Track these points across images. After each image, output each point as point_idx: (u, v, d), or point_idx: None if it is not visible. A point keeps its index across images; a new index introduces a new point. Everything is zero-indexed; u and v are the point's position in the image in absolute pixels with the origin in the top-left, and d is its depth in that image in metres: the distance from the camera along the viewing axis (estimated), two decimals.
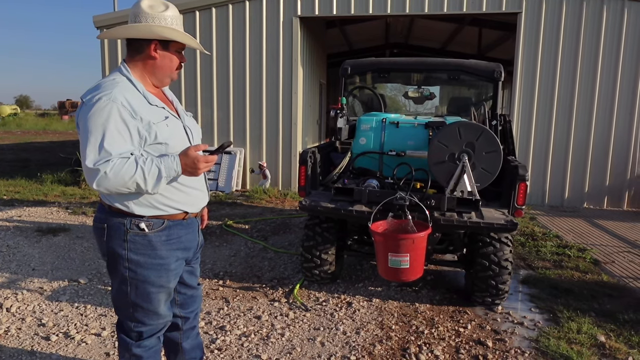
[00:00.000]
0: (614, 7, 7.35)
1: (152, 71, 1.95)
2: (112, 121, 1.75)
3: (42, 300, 3.64)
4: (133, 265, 1.92)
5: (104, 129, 1.74)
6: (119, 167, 1.73)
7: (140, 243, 1.91)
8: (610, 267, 4.76)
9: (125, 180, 1.74)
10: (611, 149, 7.63)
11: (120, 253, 1.90)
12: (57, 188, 8.14)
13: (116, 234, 1.90)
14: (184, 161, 1.83)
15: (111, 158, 1.73)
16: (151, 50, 1.91)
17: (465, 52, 14.07)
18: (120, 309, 2.04)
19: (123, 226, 1.89)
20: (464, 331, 3.32)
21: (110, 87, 1.81)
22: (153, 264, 1.94)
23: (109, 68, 8.74)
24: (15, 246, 4.94)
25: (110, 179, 1.73)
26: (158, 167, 1.79)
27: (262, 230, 5.81)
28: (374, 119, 4.11)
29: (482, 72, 4.55)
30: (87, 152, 1.73)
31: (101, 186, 1.74)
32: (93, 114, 1.75)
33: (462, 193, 3.44)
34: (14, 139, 19.92)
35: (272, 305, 3.66)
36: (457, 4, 7.63)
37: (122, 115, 1.77)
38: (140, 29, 1.87)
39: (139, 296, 1.96)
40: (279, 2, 8.11)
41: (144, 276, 1.93)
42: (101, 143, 1.73)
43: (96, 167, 1.72)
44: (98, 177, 1.72)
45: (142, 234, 1.90)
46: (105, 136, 1.74)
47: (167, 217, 1.95)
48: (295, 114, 8.37)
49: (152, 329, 2.06)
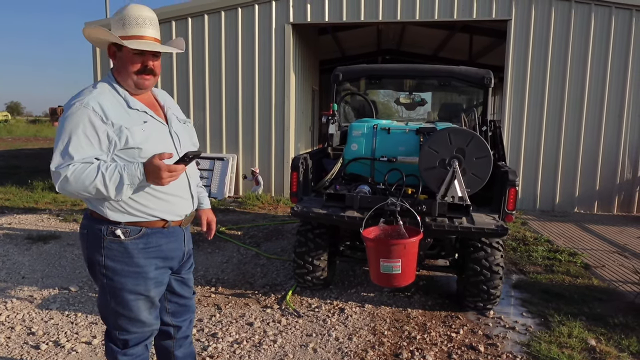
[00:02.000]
0: (601, 13, 7.46)
1: (118, 75, 1.93)
2: (81, 126, 1.78)
3: (32, 308, 3.61)
4: (110, 273, 1.90)
5: (71, 134, 1.78)
6: (79, 172, 1.75)
7: (116, 250, 1.88)
8: (600, 271, 4.80)
9: (86, 184, 1.75)
10: (600, 154, 7.71)
11: (98, 260, 1.89)
12: (47, 195, 8.07)
13: (95, 240, 1.89)
14: (147, 169, 1.78)
15: (72, 162, 1.76)
16: (109, 54, 1.94)
17: (456, 58, 14.19)
18: (105, 317, 2.03)
19: (100, 232, 1.88)
20: (456, 336, 3.33)
21: (86, 94, 1.85)
22: (130, 271, 1.91)
23: (101, 73, 8.70)
24: (5, 254, 4.89)
25: (71, 183, 1.75)
26: (120, 174, 1.77)
27: (254, 237, 5.80)
28: (365, 125, 4.13)
29: (472, 79, 4.59)
30: (54, 156, 1.78)
31: (64, 189, 1.77)
32: (65, 119, 1.80)
33: (453, 198, 3.46)
34: (4, 145, 19.76)
35: (264, 312, 3.65)
36: (447, 11, 7.71)
37: (92, 120, 1.79)
38: (96, 31, 1.90)
39: (118, 304, 1.94)
40: (271, 9, 8.14)
41: (121, 284, 1.91)
42: (66, 147, 1.77)
43: (57, 171, 1.76)
44: (60, 180, 1.76)
45: (118, 241, 1.88)
46: (71, 141, 1.77)
47: (144, 225, 1.92)
48: (288, 121, 8.38)
49: (137, 337, 2.03)
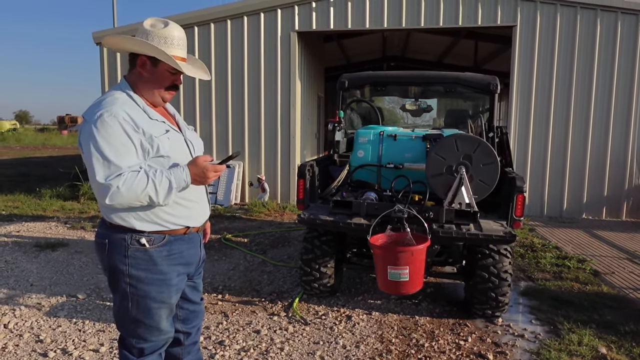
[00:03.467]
0: (607, 19, 7.44)
1: (143, 86, 1.95)
2: (117, 135, 1.76)
3: (40, 316, 3.62)
4: (134, 281, 1.91)
5: (109, 144, 1.74)
6: (130, 181, 1.74)
7: (141, 258, 1.90)
8: (610, 278, 4.75)
9: (138, 193, 1.75)
10: (608, 159, 7.66)
11: (121, 269, 1.89)
12: (56, 203, 8.13)
13: (117, 249, 1.89)
14: (193, 171, 1.86)
15: (122, 172, 1.74)
16: (138, 64, 1.93)
17: (461, 64, 14.18)
18: (122, 325, 2.02)
19: (124, 241, 1.88)
20: (464, 344, 3.30)
21: (110, 104, 1.82)
22: (154, 279, 1.93)
23: (108, 80, 8.79)
24: (14, 261, 4.92)
25: (123, 194, 1.73)
26: (169, 179, 1.81)
27: (261, 244, 5.80)
28: (371, 132, 4.13)
29: (478, 85, 4.59)
30: (96, 169, 1.73)
31: (114, 201, 1.74)
32: (97, 130, 1.75)
33: (460, 205, 3.45)
34: (13, 154, 19.95)
35: (271, 319, 3.64)
36: (452, 18, 7.72)
37: (125, 129, 1.78)
38: (133, 42, 1.90)
39: (140, 312, 1.95)
40: (277, 17, 8.20)
41: (144, 292, 1.92)
42: (109, 158, 1.73)
43: (108, 183, 1.72)
44: (111, 193, 1.72)
45: (143, 250, 1.89)
46: (112, 151, 1.74)
47: (168, 232, 1.94)
48: (294, 128, 8.41)
49: (153, 346, 2.04)
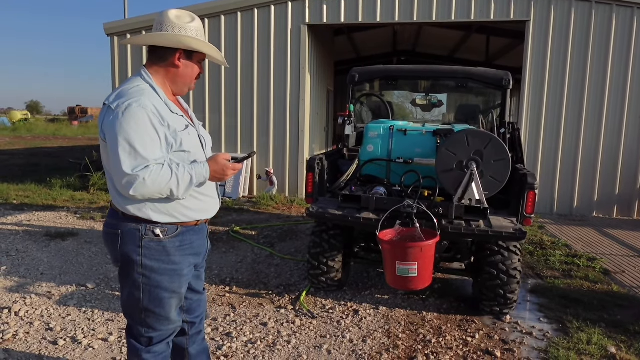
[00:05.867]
0: (623, 14, 7.32)
1: (174, 79, 1.98)
2: (145, 127, 1.77)
3: (50, 304, 3.66)
4: (147, 271, 1.92)
5: (137, 135, 1.75)
6: (156, 174, 1.76)
7: (154, 249, 1.91)
8: (620, 277, 4.70)
9: (162, 186, 1.78)
10: (621, 157, 7.56)
11: (135, 259, 1.90)
12: (66, 193, 8.21)
13: (131, 240, 1.90)
14: (213, 167, 1.92)
15: (149, 164, 1.76)
16: (175, 59, 1.94)
17: (473, 59, 14.06)
18: (131, 314, 2.04)
19: (138, 232, 1.89)
20: (471, 341, 3.29)
21: (138, 94, 1.82)
22: (167, 269, 1.95)
23: (119, 71, 8.83)
24: (25, 250, 4.97)
25: (149, 186, 1.75)
26: (190, 174, 1.85)
27: (268, 237, 5.81)
28: (381, 127, 4.11)
29: (490, 80, 4.54)
30: (123, 159, 1.73)
31: (138, 192, 1.76)
32: (126, 120, 1.75)
33: (470, 201, 3.42)
34: (24, 144, 20.15)
35: (278, 312, 3.66)
36: (465, 12, 7.64)
37: (153, 121, 1.79)
38: (169, 38, 1.90)
39: (151, 302, 1.96)
40: (287, 10, 8.16)
41: (157, 282, 1.94)
42: (137, 149, 1.74)
43: (135, 173, 1.73)
44: (136, 184, 1.73)
45: (157, 240, 1.91)
46: (140, 142, 1.75)
47: (180, 224, 1.96)
48: (303, 121, 8.39)
49: (162, 335, 2.06)
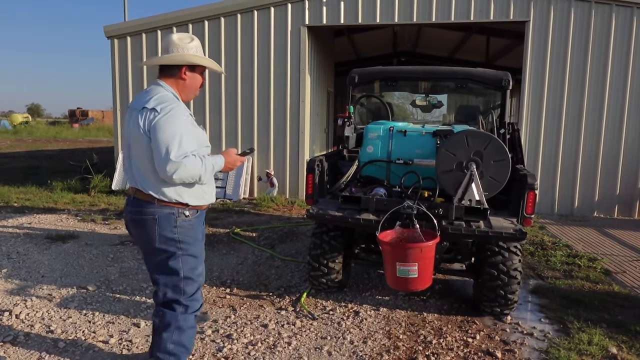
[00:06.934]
0: (623, 14, 7.32)
1: (183, 89, 2.48)
2: (185, 126, 2.29)
3: (51, 307, 3.66)
4: (183, 245, 2.42)
5: (180, 132, 2.25)
6: (192, 162, 2.24)
7: (186, 227, 2.42)
8: (621, 277, 4.69)
9: (194, 172, 2.26)
10: (621, 157, 7.55)
11: (173, 237, 2.38)
12: (66, 195, 8.21)
13: (167, 222, 2.36)
14: (227, 159, 2.49)
15: (188, 154, 2.24)
16: (182, 73, 2.45)
17: (473, 60, 14.07)
18: (172, 287, 2.46)
19: (173, 215, 2.37)
20: (472, 341, 3.28)
21: (174, 101, 2.35)
22: (195, 241, 2.47)
23: (119, 73, 8.86)
24: (25, 253, 4.98)
25: (188, 170, 2.23)
26: (212, 164, 2.38)
27: (269, 238, 5.81)
28: (381, 128, 4.11)
29: (490, 81, 4.53)
30: (170, 149, 2.20)
31: (178, 175, 2.21)
32: (171, 120, 2.26)
33: (470, 202, 3.42)
34: (25, 146, 20.18)
35: (279, 314, 3.65)
36: (464, 13, 7.64)
37: (189, 122, 2.34)
38: (175, 58, 2.41)
39: (187, 269, 2.45)
40: (287, 11, 8.18)
41: (190, 252, 2.45)
42: (180, 142, 2.23)
43: (179, 161, 2.20)
44: (179, 169, 2.20)
45: (187, 220, 2.42)
46: (183, 137, 2.24)
47: (199, 207, 2.46)
48: (303, 123, 8.40)
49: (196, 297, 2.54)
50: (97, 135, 29.25)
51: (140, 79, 8.83)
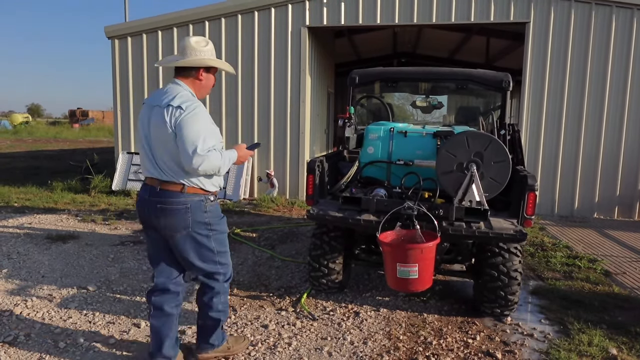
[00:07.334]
0: (623, 15, 7.33)
1: (198, 89, 2.69)
2: (208, 123, 2.55)
3: (52, 307, 3.67)
4: (214, 226, 2.72)
5: (205, 129, 2.50)
6: (214, 155, 2.50)
7: (212, 211, 2.70)
8: (621, 278, 4.69)
9: (215, 165, 2.52)
10: (621, 158, 7.56)
11: (205, 221, 2.66)
12: (67, 196, 8.22)
13: (199, 208, 2.63)
14: (240, 153, 2.76)
15: (210, 149, 2.49)
16: (199, 74, 2.65)
17: (473, 61, 14.07)
18: (209, 263, 2.75)
19: (202, 202, 2.64)
20: (472, 342, 3.28)
21: (195, 100, 2.58)
22: (220, 221, 2.79)
23: (119, 73, 8.86)
24: (26, 253, 4.98)
25: (211, 163, 2.49)
26: (229, 157, 2.65)
27: (269, 239, 5.81)
28: (381, 128, 4.11)
29: (490, 82, 4.53)
30: (197, 143, 2.44)
31: (203, 167, 2.46)
32: (196, 117, 2.49)
33: (470, 203, 3.42)
34: (25, 146, 20.18)
35: (279, 314, 3.66)
36: (465, 14, 7.65)
37: (210, 119, 2.59)
38: (194, 61, 2.61)
39: (219, 244, 2.77)
40: (288, 12, 8.18)
41: (219, 230, 2.77)
42: (205, 138, 2.47)
43: (205, 154, 2.45)
44: (204, 162, 2.45)
45: (212, 204, 2.71)
46: (206, 133, 2.49)
47: (215, 192, 2.75)
48: (303, 123, 8.40)
49: (228, 272, 2.88)
50: (97, 136, 29.27)
51: (140, 79, 8.83)
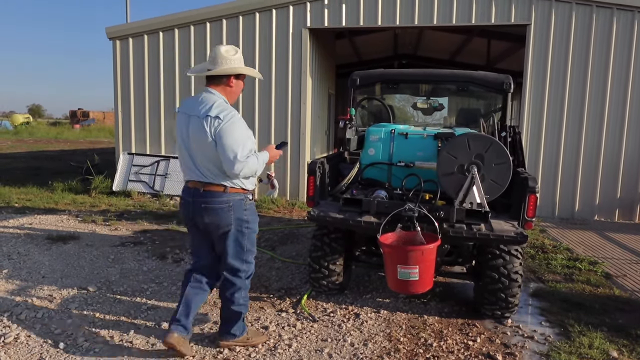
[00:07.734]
0: (624, 17, 7.33)
1: (229, 95, 2.89)
2: (245, 131, 2.77)
3: (52, 307, 3.66)
4: (250, 224, 2.93)
5: (242, 135, 2.73)
6: (253, 160, 2.74)
7: (250, 209, 2.93)
8: (622, 280, 4.69)
9: (253, 168, 2.76)
10: (622, 160, 7.56)
11: (245, 218, 2.88)
12: (67, 196, 8.22)
13: (240, 206, 2.85)
14: (271, 154, 2.98)
15: (250, 154, 2.74)
16: (230, 81, 2.86)
17: (474, 63, 14.07)
18: (239, 260, 2.93)
19: (242, 201, 2.86)
20: (473, 344, 3.28)
21: (230, 108, 2.78)
22: (255, 219, 2.99)
23: (121, 74, 8.87)
24: (26, 253, 4.98)
25: (250, 167, 2.73)
26: (263, 159, 2.87)
27: (269, 240, 5.81)
28: (382, 130, 4.11)
29: (491, 84, 4.54)
30: (238, 150, 2.67)
31: (243, 171, 2.70)
32: (235, 126, 2.71)
33: (471, 205, 3.42)
34: (26, 147, 20.19)
35: (279, 316, 3.65)
36: (466, 16, 7.66)
37: (245, 125, 2.79)
38: (226, 70, 2.81)
39: (249, 242, 2.95)
40: (289, 13, 8.19)
41: (253, 229, 2.97)
42: (244, 144, 2.71)
43: (245, 160, 2.69)
44: (244, 167, 2.69)
45: (251, 203, 2.93)
46: (244, 140, 2.73)
47: (252, 192, 2.95)
48: (304, 125, 8.40)
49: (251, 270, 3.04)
50: (98, 136, 29.28)
51: (141, 80, 8.84)
